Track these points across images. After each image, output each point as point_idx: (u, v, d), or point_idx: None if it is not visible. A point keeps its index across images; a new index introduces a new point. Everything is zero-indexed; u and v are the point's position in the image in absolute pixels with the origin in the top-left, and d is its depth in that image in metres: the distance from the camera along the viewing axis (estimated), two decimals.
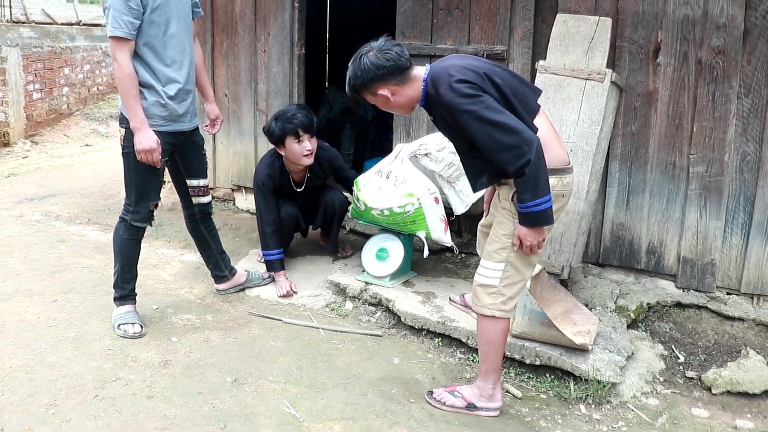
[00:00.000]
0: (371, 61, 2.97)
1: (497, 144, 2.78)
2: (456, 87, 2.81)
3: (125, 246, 3.85)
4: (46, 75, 10.11)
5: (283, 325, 4.02)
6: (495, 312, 3.09)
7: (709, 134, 4.19)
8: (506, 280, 3.07)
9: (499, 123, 2.77)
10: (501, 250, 3.06)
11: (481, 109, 2.78)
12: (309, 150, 4.45)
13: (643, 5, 4.24)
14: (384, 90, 3.02)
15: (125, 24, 3.43)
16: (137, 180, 3.73)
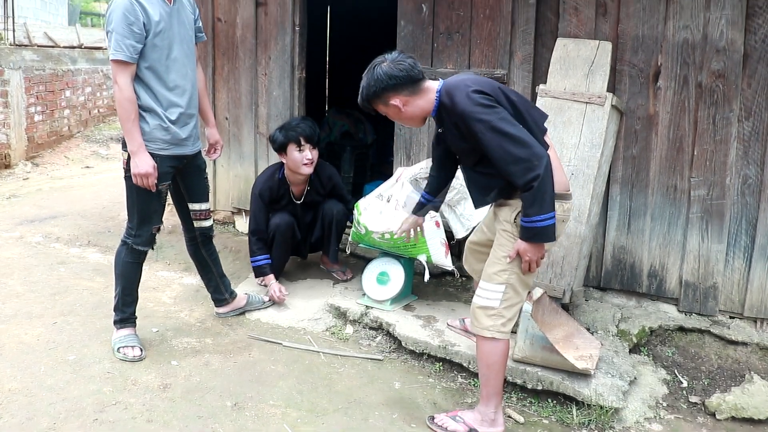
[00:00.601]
0: (385, 71, 3.02)
1: (509, 155, 2.81)
2: (473, 96, 2.85)
3: (126, 269, 3.84)
4: (48, 97, 10.15)
5: (283, 349, 4.00)
6: (495, 334, 3.09)
7: (710, 157, 4.20)
8: (506, 302, 3.08)
9: (512, 135, 2.81)
10: (502, 272, 3.07)
11: (496, 119, 2.82)
12: (309, 159, 4.51)
13: (642, 29, 4.26)
14: (396, 100, 3.05)
15: (127, 47, 3.44)
16: (139, 204, 3.72)
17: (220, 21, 5.58)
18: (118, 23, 3.43)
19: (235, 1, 5.50)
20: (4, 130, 8.98)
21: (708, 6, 4.10)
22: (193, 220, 4.05)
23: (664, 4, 4.20)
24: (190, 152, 3.81)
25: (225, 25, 5.57)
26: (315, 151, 4.56)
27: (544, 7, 4.51)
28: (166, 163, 3.67)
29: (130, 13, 3.43)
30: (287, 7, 5.32)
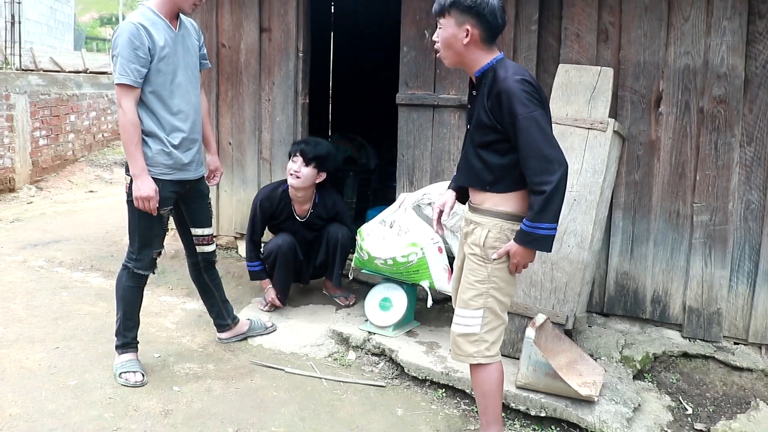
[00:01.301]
0: (492, 1, 2.87)
1: (535, 149, 2.79)
2: (524, 84, 2.83)
3: (128, 293, 3.84)
4: (53, 122, 10.21)
5: (285, 375, 3.99)
6: (481, 359, 3.04)
7: (713, 183, 4.20)
8: (487, 326, 3.03)
9: (547, 133, 2.81)
10: (477, 297, 3.02)
11: (539, 114, 2.81)
12: (295, 170, 4.59)
13: (644, 55, 4.29)
14: (471, 29, 2.89)
15: (132, 72, 3.47)
16: (141, 228, 3.73)
17: (225, 47, 5.62)
18: (124, 47, 3.46)
19: (240, 27, 5.55)
20: (9, 154, 9.02)
21: (708, 32, 4.13)
22: (195, 245, 4.05)
23: (664, 31, 4.23)
24: (192, 177, 3.82)
25: (229, 50, 5.61)
26: (306, 167, 4.59)
27: (545, 34, 4.54)
28: (168, 188, 3.68)
29: (136, 37, 3.46)
30: (291, 33, 5.36)
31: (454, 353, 3.13)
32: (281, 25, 5.40)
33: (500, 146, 2.93)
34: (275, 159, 5.52)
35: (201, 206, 3.99)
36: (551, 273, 4.03)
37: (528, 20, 4.52)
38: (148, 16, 3.57)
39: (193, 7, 3.71)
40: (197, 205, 3.97)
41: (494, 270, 2.99)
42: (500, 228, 2.96)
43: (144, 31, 3.50)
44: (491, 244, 2.97)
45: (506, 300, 3.07)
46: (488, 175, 2.98)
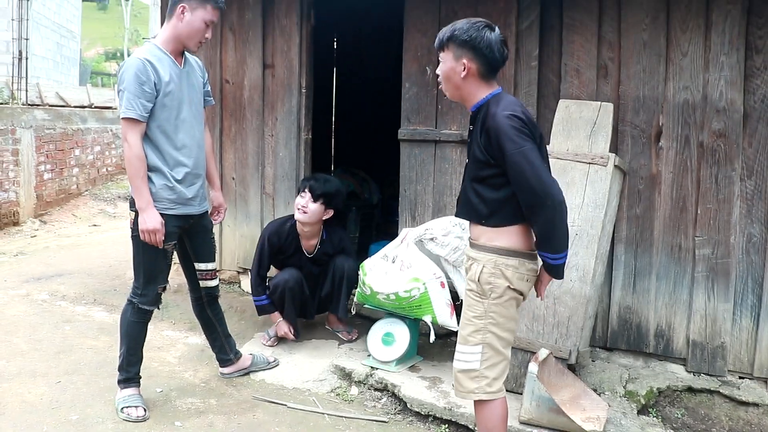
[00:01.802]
0: (489, 38, 2.92)
1: (525, 184, 2.81)
2: (514, 119, 2.83)
3: (132, 329, 3.85)
4: (58, 156, 10.28)
5: (288, 410, 3.97)
6: (482, 395, 3.02)
7: (714, 216, 4.22)
8: (487, 362, 3.00)
9: (536, 166, 2.80)
10: (475, 333, 3.00)
11: (527, 148, 2.81)
12: (302, 206, 4.63)
13: (643, 90, 4.33)
14: (469, 63, 2.95)
15: (138, 106, 3.51)
16: (146, 263, 3.75)
17: (228, 83, 5.68)
18: (130, 82, 3.51)
19: (243, 64, 5.61)
20: (13, 188, 9.08)
21: (707, 67, 4.18)
22: (199, 279, 4.07)
23: (663, 66, 4.28)
24: (196, 212, 3.84)
25: (233, 86, 5.67)
26: (314, 203, 4.63)
27: (546, 70, 4.59)
28: (172, 222, 3.70)
29: (142, 72, 3.52)
30: (294, 69, 5.42)
31: (456, 389, 3.11)
32: (284, 62, 5.47)
33: (495, 180, 2.94)
34: (278, 194, 5.55)
35: (205, 241, 4.01)
36: (554, 307, 4.03)
37: (528, 56, 4.57)
38: (154, 53, 3.63)
39: (198, 45, 3.76)
40: (201, 239, 3.99)
41: (491, 305, 2.97)
42: (494, 263, 2.95)
43: (150, 66, 3.55)
44: (486, 279, 2.96)
45: (506, 335, 3.03)
46: (484, 209, 2.99)
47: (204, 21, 3.66)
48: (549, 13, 4.55)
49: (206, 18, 3.67)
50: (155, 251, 3.70)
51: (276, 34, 5.48)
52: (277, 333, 4.82)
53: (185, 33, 3.66)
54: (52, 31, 19.03)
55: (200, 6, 3.64)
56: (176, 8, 3.64)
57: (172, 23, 3.67)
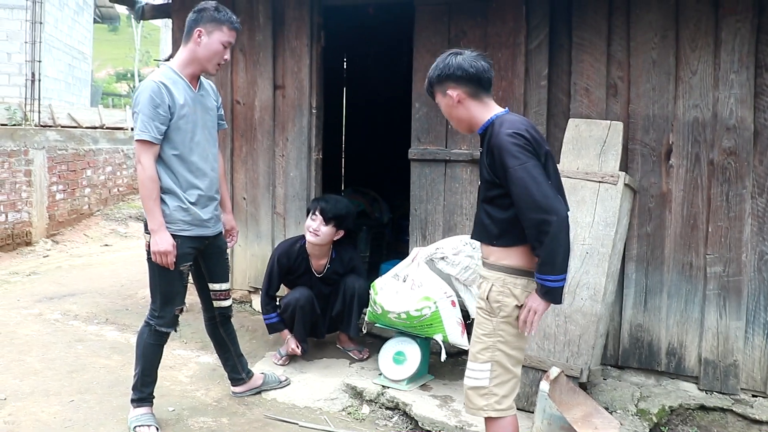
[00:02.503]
0: (458, 61, 2.99)
1: (528, 201, 2.78)
2: (516, 136, 2.84)
3: (148, 351, 3.87)
4: (70, 176, 10.36)
5: (299, 429, 3.97)
6: (491, 413, 3.01)
7: (725, 234, 4.22)
8: (496, 380, 2.99)
9: (540, 183, 2.78)
10: (484, 350, 3.00)
11: (530, 164, 2.80)
12: (314, 229, 4.65)
13: (653, 109, 4.35)
14: (454, 92, 3.00)
15: (152, 128, 3.55)
16: (162, 285, 3.76)
17: (239, 103, 5.73)
18: (145, 105, 3.54)
19: (254, 84, 5.66)
20: (26, 208, 9.14)
21: (716, 85, 4.19)
22: (212, 300, 4.09)
23: (673, 84, 4.30)
24: (211, 233, 3.87)
25: (243, 107, 5.72)
26: (326, 226, 4.65)
27: (555, 89, 4.62)
28: (187, 244, 3.72)
29: (157, 95, 3.56)
30: (304, 90, 5.46)
31: (467, 406, 3.11)
32: (295, 82, 5.52)
33: (502, 201, 2.94)
34: (289, 214, 5.58)
35: (219, 261, 4.04)
36: (565, 326, 4.03)
37: (538, 76, 4.60)
38: (169, 76, 3.68)
39: (217, 68, 3.81)
40: (216, 260, 4.02)
41: (500, 323, 2.97)
42: (503, 282, 2.96)
43: (165, 89, 3.59)
44: (495, 297, 2.96)
45: (515, 353, 3.03)
46: (494, 229, 2.99)
47: (221, 43, 3.70)
48: (558, 33, 4.59)
49: (223, 39, 3.71)
50: (171, 273, 3.71)
51: (286, 56, 5.53)
52: (287, 351, 4.83)
53: (204, 56, 3.70)
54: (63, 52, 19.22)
55: (216, 28, 3.68)
56: (193, 33, 3.69)
57: (189, 47, 3.71)
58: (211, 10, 3.69)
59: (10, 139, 8.88)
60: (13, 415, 3.96)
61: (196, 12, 3.71)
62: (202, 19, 3.68)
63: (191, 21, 3.71)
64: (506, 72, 4.68)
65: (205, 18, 3.68)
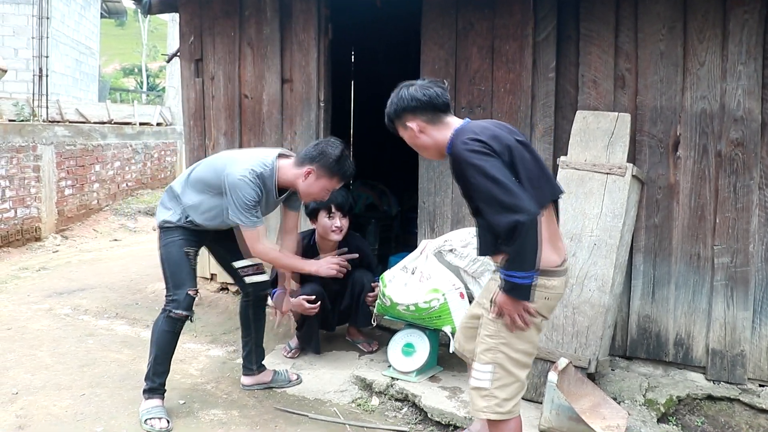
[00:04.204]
0: (409, 92, 3.01)
1: (494, 201, 2.71)
2: (470, 142, 2.79)
3: (162, 338, 3.93)
4: (78, 171, 10.41)
5: (309, 421, 4.00)
6: (491, 415, 2.95)
7: (732, 225, 4.22)
8: (497, 382, 2.93)
9: (502, 182, 2.69)
10: (487, 351, 2.95)
11: (489, 165, 2.73)
12: (337, 226, 4.64)
13: (661, 100, 4.34)
14: (413, 123, 3.02)
15: (257, 217, 3.77)
16: (170, 269, 3.93)
17: (247, 97, 5.75)
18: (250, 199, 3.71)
19: (262, 78, 5.68)
20: (35, 204, 9.19)
21: (724, 77, 4.19)
22: (243, 277, 4.20)
23: (681, 76, 4.29)
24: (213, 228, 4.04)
25: (251, 101, 5.74)
26: (345, 219, 4.68)
27: (563, 81, 4.62)
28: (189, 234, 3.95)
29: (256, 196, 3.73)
30: (312, 83, 5.47)
31: (471, 406, 3.08)
32: (302, 76, 5.53)
33: None
34: None
35: (231, 239, 4.09)
36: (573, 317, 4.04)
37: (545, 68, 4.60)
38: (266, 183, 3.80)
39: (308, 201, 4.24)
40: (228, 239, 4.10)
41: (503, 326, 2.91)
42: None
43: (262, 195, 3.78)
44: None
45: (520, 357, 2.95)
46: (490, 238, 2.91)
47: (325, 189, 3.86)
48: (566, 25, 4.58)
49: (328, 187, 3.87)
50: (176, 257, 3.89)
51: (294, 49, 5.54)
52: (297, 344, 4.87)
53: (303, 191, 3.90)
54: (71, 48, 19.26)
55: (327, 177, 3.82)
56: (304, 167, 3.81)
57: (296, 173, 3.85)
58: (332, 159, 3.79)
59: (18, 135, 8.93)
60: (25, 409, 4.00)
61: (319, 152, 3.81)
62: (320, 161, 3.79)
63: (309, 155, 3.82)
64: (514, 64, 4.68)
65: (323, 162, 3.79)
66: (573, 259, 4.10)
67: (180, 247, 3.92)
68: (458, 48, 4.86)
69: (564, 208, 4.19)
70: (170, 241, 3.92)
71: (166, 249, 3.94)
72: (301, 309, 4.61)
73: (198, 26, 5.96)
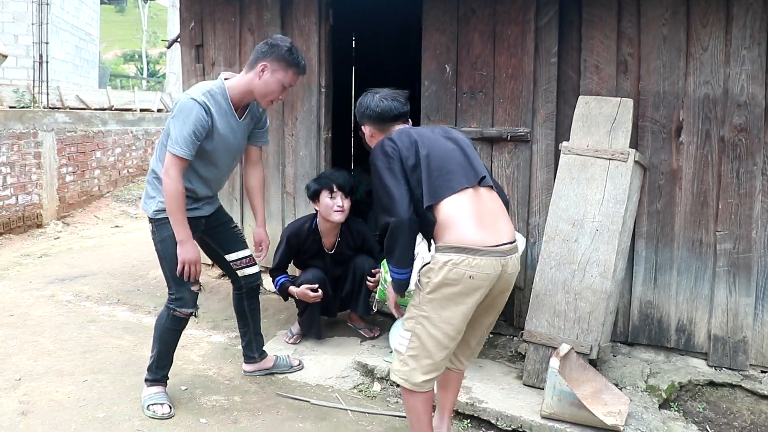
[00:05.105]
0: (368, 101, 3.38)
1: (378, 201, 3.12)
2: (376, 149, 3.18)
3: (166, 335, 3.91)
4: (79, 158, 10.39)
5: (311, 407, 4.01)
6: (399, 380, 3.10)
7: (735, 211, 4.21)
8: (411, 351, 3.05)
9: (387, 185, 3.04)
10: (409, 319, 3.08)
11: (383, 167, 3.09)
12: (339, 206, 4.62)
13: (663, 85, 4.32)
14: (366, 128, 3.42)
15: (190, 148, 3.55)
16: (170, 266, 3.77)
17: None
18: (189, 126, 3.52)
19: None
20: (36, 190, 9.18)
21: (727, 62, 4.16)
22: (236, 270, 4.14)
23: (684, 61, 4.27)
24: (206, 213, 3.94)
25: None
26: (347, 200, 4.66)
27: (565, 66, 4.59)
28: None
29: (201, 119, 3.55)
30: (313, 69, 5.45)
31: None
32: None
33: None
34: (299, 193, 5.59)
35: (227, 232, 4.08)
36: (575, 303, 4.04)
37: (547, 53, 4.58)
38: (218, 100, 3.66)
39: (269, 104, 3.84)
40: (223, 232, 4.06)
41: (424, 297, 3.02)
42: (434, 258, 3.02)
43: (210, 118, 3.60)
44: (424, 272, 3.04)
45: (438, 335, 3.00)
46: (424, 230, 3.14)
47: (282, 84, 3.72)
48: (568, 9, 4.55)
49: (285, 81, 3.73)
50: (175, 253, 3.73)
51: (295, 34, 5.51)
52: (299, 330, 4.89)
53: (260, 91, 3.71)
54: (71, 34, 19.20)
55: (282, 69, 3.68)
56: (257, 65, 3.67)
57: (249, 77, 3.70)
58: (284, 49, 3.67)
59: (19, 121, 8.91)
60: (28, 395, 4.01)
61: (269, 45, 3.69)
62: (272, 54, 3.66)
63: (260, 52, 3.69)
64: (516, 49, 4.66)
65: (275, 55, 3.66)
66: (575, 245, 4.09)
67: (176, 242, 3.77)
68: (460, 33, 4.83)
69: (566, 193, 4.20)
70: (168, 236, 3.71)
71: (163, 245, 3.77)
72: (305, 297, 4.63)
73: (198, 12, 5.93)
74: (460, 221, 2.97)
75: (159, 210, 3.72)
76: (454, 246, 2.93)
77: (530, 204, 4.69)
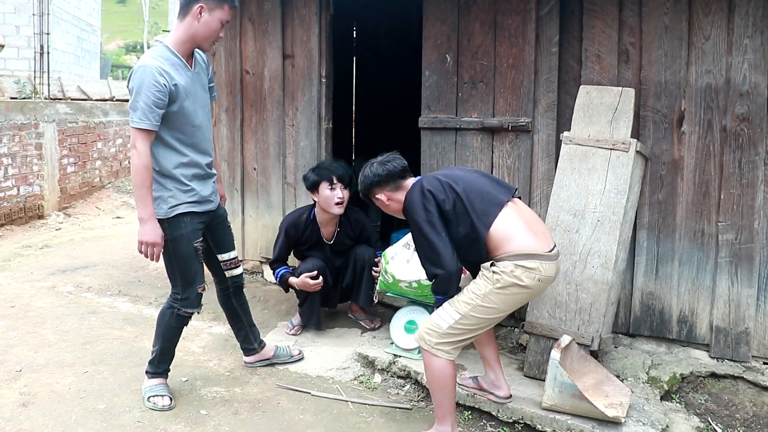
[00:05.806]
0: (372, 171, 3.58)
1: (421, 251, 3.38)
2: (415, 195, 3.39)
3: (169, 332, 3.89)
4: (80, 149, 10.38)
5: (311, 398, 4.01)
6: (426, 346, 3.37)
7: (737, 201, 4.18)
8: (454, 329, 3.31)
9: (431, 242, 3.29)
10: (465, 303, 3.31)
11: (422, 221, 3.31)
12: (340, 198, 4.61)
13: (665, 75, 4.30)
14: (381, 195, 3.59)
15: (153, 117, 3.44)
16: (180, 267, 3.74)
17: (248, 73, 5.70)
18: (145, 91, 3.43)
19: (263, 54, 5.63)
20: (38, 181, 9.18)
21: (730, 51, 4.14)
22: (224, 270, 4.10)
23: (685, 50, 4.24)
24: (214, 207, 3.87)
25: (253, 77, 5.69)
26: (346, 191, 4.66)
27: (566, 55, 4.56)
28: (197, 220, 3.70)
29: (158, 81, 3.44)
30: (314, 59, 5.43)
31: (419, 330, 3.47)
32: (304, 52, 5.48)
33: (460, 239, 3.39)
34: (299, 184, 5.57)
35: (223, 231, 4.04)
36: (576, 294, 4.02)
37: (548, 42, 4.55)
38: (166, 56, 3.58)
39: (212, 45, 3.75)
40: (220, 231, 4.02)
41: (492, 290, 3.28)
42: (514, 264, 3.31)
43: (165, 75, 3.49)
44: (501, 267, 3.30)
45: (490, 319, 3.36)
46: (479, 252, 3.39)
47: (221, 21, 3.64)
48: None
49: (223, 18, 3.65)
50: (186, 253, 3.70)
51: (295, 24, 5.49)
52: (300, 321, 4.88)
53: (202, 33, 3.62)
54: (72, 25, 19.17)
55: (218, 6, 3.61)
56: (192, 8, 3.58)
57: (187, 22, 3.61)
58: None
59: (20, 112, 8.90)
60: (29, 386, 4.01)
61: None
62: None
63: None
64: (517, 39, 4.63)
65: None
66: (576, 236, 4.07)
67: (189, 241, 3.70)
68: (460, 23, 4.80)
69: (567, 184, 4.18)
70: (179, 235, 3.66)
71: (174, 244, 3.66)
72: (306, 287, 4.62)
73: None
74: (518, 232, 3.32)
75: (172, 207, 3.63)
76: (521, 254, 3.27)
77: (531, 194, 4.67)
